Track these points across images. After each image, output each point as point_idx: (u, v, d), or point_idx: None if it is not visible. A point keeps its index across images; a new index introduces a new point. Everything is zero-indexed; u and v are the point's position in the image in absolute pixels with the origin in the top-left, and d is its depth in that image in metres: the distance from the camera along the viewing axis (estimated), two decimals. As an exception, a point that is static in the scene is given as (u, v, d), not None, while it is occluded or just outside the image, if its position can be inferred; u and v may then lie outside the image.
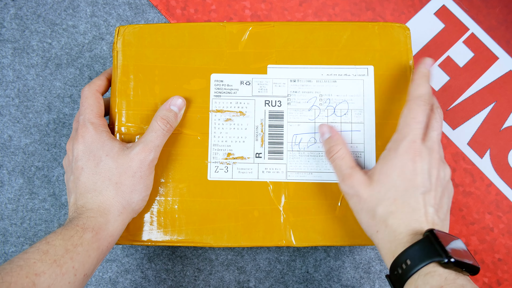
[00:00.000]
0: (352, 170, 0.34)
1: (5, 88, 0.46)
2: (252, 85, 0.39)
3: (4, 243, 0.44)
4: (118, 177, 0.34)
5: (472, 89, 0.47)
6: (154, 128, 0.36)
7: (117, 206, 0.34)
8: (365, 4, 0.48)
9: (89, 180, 0.34)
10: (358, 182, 0.33)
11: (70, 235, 0.31)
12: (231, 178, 0.39)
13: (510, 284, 0.44)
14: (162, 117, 0.37)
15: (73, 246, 0.30)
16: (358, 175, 0.34)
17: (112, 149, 0.35)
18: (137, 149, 0.35)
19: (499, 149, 0.46)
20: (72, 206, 0.34)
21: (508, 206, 0.45)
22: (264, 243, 0.38)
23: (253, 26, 0.40)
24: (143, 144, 0.35)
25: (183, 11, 0.48)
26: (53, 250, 0.29)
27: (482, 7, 0.48)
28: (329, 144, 0.36)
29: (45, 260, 0.29)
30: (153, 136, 0.36)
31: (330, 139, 0.36)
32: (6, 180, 0.45)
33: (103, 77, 0.40)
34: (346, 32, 0.40)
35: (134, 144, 0.36)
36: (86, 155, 0.35)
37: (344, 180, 0.34)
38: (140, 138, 0.36)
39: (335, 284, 0.44)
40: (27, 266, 0.28)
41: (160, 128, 0.36)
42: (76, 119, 0.38)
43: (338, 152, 0.35)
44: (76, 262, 0.30)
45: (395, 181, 0.32)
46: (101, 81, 0.39)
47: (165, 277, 0.44)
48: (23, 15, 0.48)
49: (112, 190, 0.34)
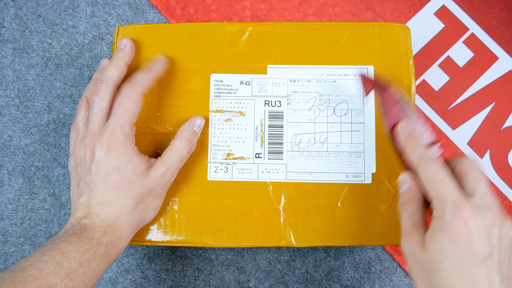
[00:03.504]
0: (415, 230, 0.30)
1: (5, 88, 0.47)
2: (252, 85, 0.39)
3: (4, 243, 0.44)
4: (141, 197, 0.34)
5: (472, 89, 0.47)
6: (178, 149, 0.36)
7: (132, 225, 0.35)
8: (365, 4, 0.48)
9: (110, 192, 0.33)
10: (416, 243, 0.29)
11: (85, 248, 0.31)
12: (231, 178, 0.39)
13: (510, 284, 0.44)
14: (188, 140, 0.36)
15: (87, 261, 0.30)
16: (419, 236, 0.29)
17: (138, 167, 0.34)
18: (161, 171, 0.35)
19: (499, 149, 0.46)
20: (83, 207, 0.34)
21: (508, 206, 0.45)
22: (264, 244, 0.38)
23: (253, 26, 0.40)
24: (167, 166, 0.35)
25: (183, 11, 0.48)
26: (67, 262, 0.29)
27: (482, 7, 0.48)
28: (403, 197, 0.32)
29: (59, 273, 0.29)
30: (177, 159, 0.36)
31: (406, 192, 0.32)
32: (6, 180, 0.45)
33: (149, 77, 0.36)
34: (346, 32, 0.40)
35: (158, 164, 0.35)
36: (111, 166, 0.33)
37: (404, 238, 0.30)
38: (163, 158, 0.36)
39: (335, 284, 0.44)
40: (40, 277, 0.28)
41: (184, 150, 0.36)
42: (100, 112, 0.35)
43: (410, 206, 0.31)
44: (87, 276, 0.30)
45: (448, 251, 0.27)
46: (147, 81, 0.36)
47: (165, 277, 0.44)
48: (23, 15, 0.48)
49: (131, 208, 0.34)
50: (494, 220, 0.27)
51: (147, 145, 0.39)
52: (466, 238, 0.27)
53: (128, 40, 0.38)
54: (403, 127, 0.33)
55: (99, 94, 0.35)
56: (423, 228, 0.30)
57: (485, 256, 0.27)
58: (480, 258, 0.27)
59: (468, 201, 0.28)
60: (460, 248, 0.27)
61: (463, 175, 0.29)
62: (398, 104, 0.34)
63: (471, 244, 0.27)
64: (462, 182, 0.29)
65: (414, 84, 0.39)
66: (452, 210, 0.27)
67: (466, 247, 0.27)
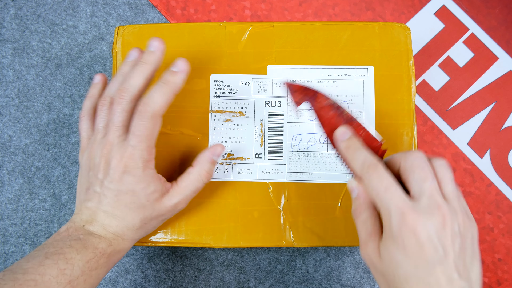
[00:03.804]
0: (369, 238, 0.30)
1: (5, 88, 0.47)
2: (252, 85, 0.39)
3: (4, 243, 0.44)
4: (149, 220, 0.34)
5: (472, 89, 0.47)
6: (195, 180, 0.35)
7: (135, 239, 0.35)
8: (365, 4, 0.48)
9: (119, 209, 0.33)
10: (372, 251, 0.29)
11: (89, 257, 0.30)
12: (231, 178, 0.39)
13: (510, 284, 0.44)
14: (207, 171, 0.35)
15: (89, 269, 0.30)
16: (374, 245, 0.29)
17: (153, 194, 0.33)
18: (175, 201, 0.34)
19: (499, 149, 0.46)
20: (90, 212, 0.33)
21: (508, 206, 0.45)
22: (263, 244, 0.38)
23: (253, 26, 0.40)
24: (182, 197, 0.34)
25: (183, 11, 0.48)
26: (70, 270, 0.29)
27: (482, 7, 0.48)
28: (355, 204, 0.31)
29: (61, 280, 0.28)
30: (192, 190, 0.35)
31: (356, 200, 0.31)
32: (6, 180, 0.45)
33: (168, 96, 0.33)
34: (346, 32, 0.40)
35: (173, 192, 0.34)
36: (125, 187, 0.32)
37: (361, 246, 0.30)
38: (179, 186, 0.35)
39: (335, 284, 0.44)
40: (42, 282, 0.28)
41: (202, 181, 0.35)
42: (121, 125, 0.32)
43: (361, 215, 0.31)
44: (87, 284, 0.30)
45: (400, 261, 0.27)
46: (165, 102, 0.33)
47: (165, 277, 0.44)
48: (23, 15, 0.48)
49: (138, 227, 0.34)
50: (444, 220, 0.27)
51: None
52: (416, 246, 0.26)
53: (160, 43, 0.34)
54: (341, 134, 0.32)
55: (122, 105, 0.33)
56: (378, 236, 0.29)
57: (438, 259, 0.26)
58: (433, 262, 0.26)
59: (413, 206, 0.27)
60: (412, 257, 0.26)
61: (408, 175, 0.28)
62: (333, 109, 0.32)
63: (422, 251, 0.26)
64: (407, 183, 0.28)
65: (414, 84, 0.39)
66: (398, 220, 0.27)
67: (417, 255, 0.26)
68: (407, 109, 0.39)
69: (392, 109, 0.39)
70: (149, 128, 0.32)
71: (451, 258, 0.26)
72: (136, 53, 0.36)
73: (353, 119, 0.32)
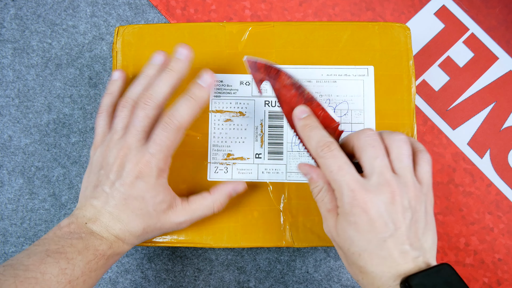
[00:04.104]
0: (328, 214, 0.31)
1: (5, 88, 0.47)
2: (252, 85, 0.39)
3: (4, 243, 0.44)
4: (152, 230, 0.34)
5: (472, 89, 0.47)
6: (207, 207, 0.35)
7: (135, 244, 0.35)
8: (365, 4, 0.48)
9: (125, 214, 0.33)
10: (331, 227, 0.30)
11: (89, 258, 0.31)
12: (231, 178, 0.39)
13: (510, 284, 0.44)
14: (221, 203, 0.36)
15: (89, 271, 0.30)
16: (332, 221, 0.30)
17: (161, 204, 0.33)
18: (181, 219, 0.34)
19: (499, 149, 0.46)
20: (94, 210, 0.33)
21: (508, 206, 0.45)
22: (263, 244, 0.38)
23: (253, 26, 0.40)
24: (188, 218, 0.35)
25: (183, 11, 0.48)
26: (70, 270, 0.29)
27: (482, 7, 0.48)
28: (311, 185, 0.33)
29: (61, 280, 0.29)
30: (200, 215, 0.35)
31: (311, 181, 0.32)
32: (6, 180, 0.45)
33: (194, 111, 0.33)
34: (346, 32, 0.40)
35: (181, 210, 0.35)
36: (135, 192, 0.32)
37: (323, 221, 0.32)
38: (189, 207, 0.35)
39: (335, 284, 0.44)
40: (43, 281, 0.28)
41: (212, 211, 0.36)
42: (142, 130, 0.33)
43: (318, 194, 0.32)
44: (86, 285, 0.30)
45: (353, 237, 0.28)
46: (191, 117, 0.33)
47: (165, 277, 0.44)
48: (23, 15, 0.48)
49: (140, 233, 0.34)
50: (393, 196, 0.28)
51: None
52: (367, 222, 0.28)
53: (188, 52, 0.34)
54: (299, 112, 0.32)
55: (146, 111, 0.33)
56: (335, 212, 0.30)
57: (390, 234, 0.27)
58: (384, 237, 0.27)
59: (364, 184, 0.28)
60: (364, 233, 0.28)
61: (360, 154, 0.29)
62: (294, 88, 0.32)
63: (372, 227, 0.27)
64: (360, 161, 0.29)
65: (414, 84, 0.39)
66: (350, 198, 0.28)
67: (368, 231, 0.28)
68: (407, 109, 0.39)
69: (392, 109, 0.39)
70: (171, 140, 0.32)
71: (403, 232, 0.28)
72: (162, 57, 0.36)
73: (313, 99, 0.32)
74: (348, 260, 0.30)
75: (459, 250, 0.44)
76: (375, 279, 0.28)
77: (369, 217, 0.28)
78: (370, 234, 0.28)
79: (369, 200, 0.28)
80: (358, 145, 0.30)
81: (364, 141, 0.29)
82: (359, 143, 0.30)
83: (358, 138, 0.30)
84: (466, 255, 0.44)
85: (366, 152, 0.29)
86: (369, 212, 0.28)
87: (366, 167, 0.29)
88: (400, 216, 0.28)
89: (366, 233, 0.28)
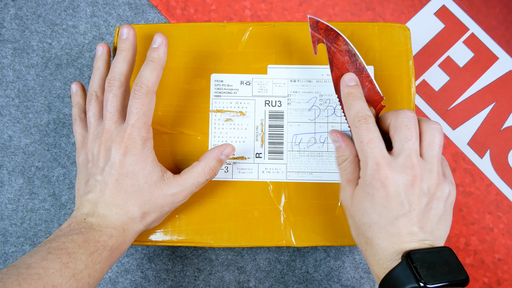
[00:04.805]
0: (347, 184, 0.33)
1: (5, 88, 0.47)
2: (252, 85, 0.39)
3: (4, 243, 0.44)
4: (148, 208, 0.34)
5: (472, 89, 0.47)
6: (198, 175, 0.35)
7: (137, 230, 0.34)
8: (365, 4, 0.48)
9: (120, 196, 0.33)
10: (347, 196, 0.32)
11: (91, 251, 0.31)
12: (231, 178, 0.39)
13: (510, 284, 0.44)
14: (211, 168, 0.35)
15: (93, 263, 0.30)
16: (349, 191, 0.32)
17: (151, 176, 0.34)
18: (173, 191, 0.34)
19: (499, 149, 0.46)
20: (90, 204, 0.33)
21: (508, 206, 0.45)
22: (264, 243, 0.38)
23: (253, 26, 0.40)
24: (181, 188, 0.35)
25: (183, 11, 0.48)
26: (73, 263, 0.29)
27: (482, 7, 0.48)
28: (337, 153, 0.34)
29: (65, 273, 0.29)
30: (193, 184, 0.35)
31: (338, 149, 0.34)
32: (6, 180, 0.45)
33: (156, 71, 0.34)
34: (346, 32, 0.40)
35: (173, 182, 0.35)
36: (125, 169, 0.33)
37: (340, 189, 0.34)
38: (180, 178, 0.35)
39: (335, 284, 0.44)
40: (46, 276, 0.28)
41: (204, 177, 0.35)
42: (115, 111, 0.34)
43: (343, 163, 0.33)
44: (91, 278, 0.30)
45: (367, 209, 0.30)
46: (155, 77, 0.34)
47: (165, 277, 0.44)
48: (23, 15, 0.48)
49: (138, 216, 0.34)
50: (414, 179, 0.29)
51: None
52: (383, 198, 0.29)
53: (129, 29, 0.36)
54: (348, 79, 0.33)
55: (113, 92, 0.34)
56: (354, 183, 0.32)
57: (403, 213, 0.29)
58: (396, 215, 0.29)
59: (390, 161, 0.29)
60: (378, 207, 0.29)
61: (394, 133, 0.31)
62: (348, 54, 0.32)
63: (388, 203, 0.29)
64: (392, 139, 0.31)
65: (414, 84, 0.39)
66: (373, 170, 0.29)
67: (383, 206, 0.29)
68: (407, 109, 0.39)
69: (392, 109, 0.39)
70: (145, 105, 0.33)
71: (416, 214, 0.29)
72: (103, 47, 0.38)
73: (364, 69, 0.33)
74: (357, 230, 0.31)
75: (459, 250, 0.44)
76: (379, 251, 0.29)
77: (387, 193, 0.29)
78: (383, 209, 0.29)
79: (391, 177, 0.29)
80: (394, 123, 0.31)
81: (402, 121, 0.30)
82: (396, 121, 0.31)
83: (397, 117, 0.31)
84: (466, 255, 0.44)
85: (400, 132, 0.30)
86: (387, 188, 0.29)
87: (396, 146, 0.30)
88: (416, 199, 0.29)
89: (380, 207, 0.29)
